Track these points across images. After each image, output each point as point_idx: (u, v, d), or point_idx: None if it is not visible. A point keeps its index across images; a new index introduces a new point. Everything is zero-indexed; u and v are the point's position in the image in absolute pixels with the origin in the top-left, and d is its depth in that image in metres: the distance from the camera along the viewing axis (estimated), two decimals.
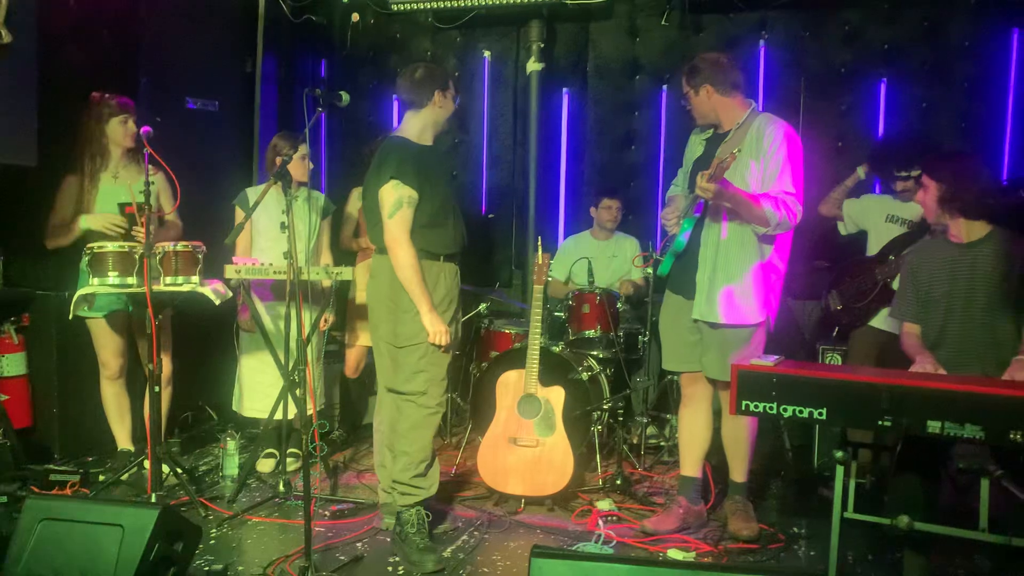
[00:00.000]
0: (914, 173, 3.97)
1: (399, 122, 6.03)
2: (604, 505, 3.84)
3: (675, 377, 4.64)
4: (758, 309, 3.46)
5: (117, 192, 3.98)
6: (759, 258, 3.44)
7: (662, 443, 4.68)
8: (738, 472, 3.68)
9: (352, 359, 4.84)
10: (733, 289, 3.44)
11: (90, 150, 4.01)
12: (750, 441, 3.64)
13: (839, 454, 2.90)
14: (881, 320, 4.05)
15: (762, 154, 3.37)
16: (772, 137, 3.37)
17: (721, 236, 3.45)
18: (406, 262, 3.25)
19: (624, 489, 4.07)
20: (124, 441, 4.24)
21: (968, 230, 3.19)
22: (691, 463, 3.71)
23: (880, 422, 2.66)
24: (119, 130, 4.02)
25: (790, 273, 3.63)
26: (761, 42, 5.26)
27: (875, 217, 4.20)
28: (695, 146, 3.73)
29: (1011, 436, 2.50)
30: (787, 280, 3.61)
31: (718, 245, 3.46)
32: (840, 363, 4.27)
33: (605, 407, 4.43)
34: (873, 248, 4.22)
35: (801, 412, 2.76)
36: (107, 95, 4.04)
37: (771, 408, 2.79)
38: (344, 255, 4.72)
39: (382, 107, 6.08)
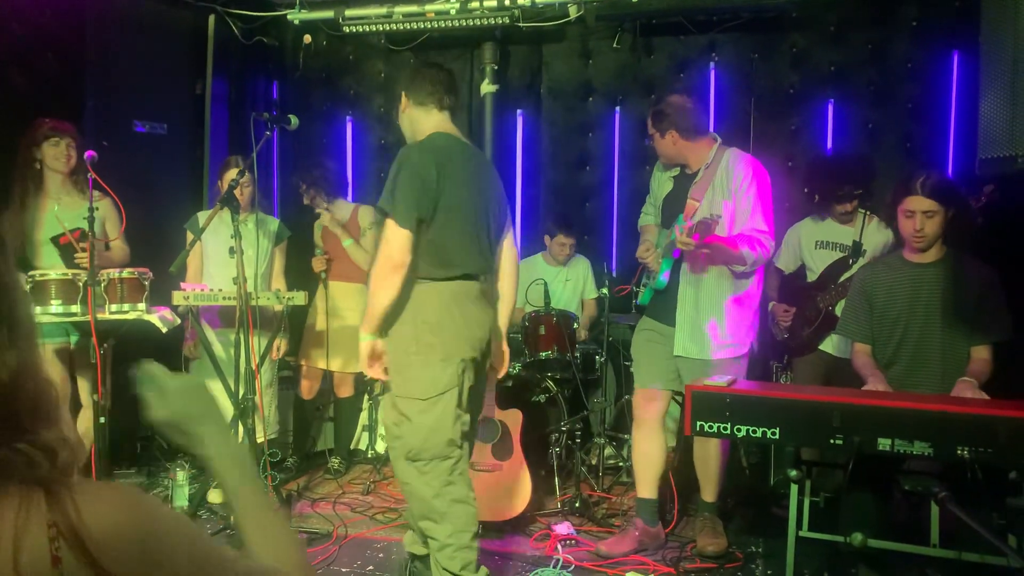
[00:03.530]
0: (859, 193, 4.02)
1: (353, 143, 6.07)
2: (563, 529, 3.81)
3: (631, 397, 4.66)
4: (740, 342, 3.54)
5: (63, 217, 3.88)
6: (738, 292, 3.52)
7: (620, 464, 4.67)
8: (708, 492, 3.71)
9: (307, 382, 4.81)
10: (715, 325, 3.50)
11: (22, 175, 3.90)
12: (721, 461, 3.67)
13: (793, 473, 2.92)
14: (827, 344, 4.06)
15: (732, 192, 3.44)
16: (741, 176, 3.44)
17: (700, 276, 3.51)
18: None
19: (583, 511, 4.05)
20: None
21: (929, 251, 3.22)
22: (646, 485, 3.70)
23: (832, 440, 2.69)
24: (50, 152, 3.89)
25: None
26: (711, 64, 5.33)
27: (807, 244, 4.20)
28: (663, 182, 3.78)
29: (958, 452, 2.55)
30: None
31: (698, 284, 3.52)
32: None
33: (563, 429, 4.41)
34: (810, 275, 4.20)
35: (754, 432, 2.78)
36: (46, 120, 3.93)
37: (725, 428, 2.81)
38: (300, 280, 4.66)
39: (335, 129, 6.04)
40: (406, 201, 2.81)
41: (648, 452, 3.70)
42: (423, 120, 3.04)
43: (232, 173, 4.10)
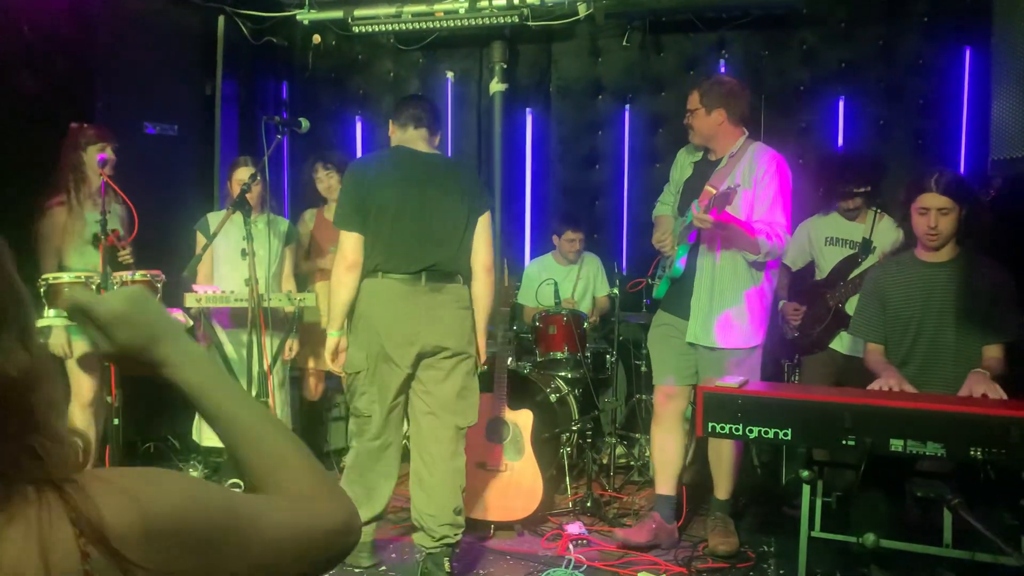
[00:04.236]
0: (862, 191, 4.00)
1: (363, 144, 6.07)
2: (574, 528, 3.82)
3: (644, 396, 4.66)
4: (753, 332, 3.54)
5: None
6: (752, 283, 3.52)
7: (631, 463, 4.67)
8: (721, 489, 3.71)
9: (313, 382, 4.81)
10: (729, 314, 3.50)
11: (73, 177, 3.95)
12: (734, 459, 3.67)
13: (805, 473, 2.91)
14: (838, 343, 4.05)
15: (755, 183, 3.45)
16: (765, 168, 3.45)
17: (716, 262, 3.51)
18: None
19: (594, 511, 4.05)
20: None
21: (942, 249, 3.21)
22: (666, 482, 3.71)
23: (844, 441, 2.69)
24: (96, 158, 3.94)
25: None
26: (721, 61, 5.32)
27: (816, 241, 4.19)
28: (684, 167, 3.77)
29: (971, 453, 2.54)
30: None
31: (713, 271, 3.51)
32: None
33: (574, 428, 4.42)
34: (819, 272, 4.19)
35: (766, 433, 2.78)
36: (85, 124, 3.99)
37: (737, 429, 2.81)
38: (305, 279, 4.68)
39: (345, 129, 6.05)
40: (347, 208, 3.20)
41: (667, 449, 3.71)
42: (395, 138, 3.39)
43: (242, 174, 4.11)
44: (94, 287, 3.55)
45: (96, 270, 3.71)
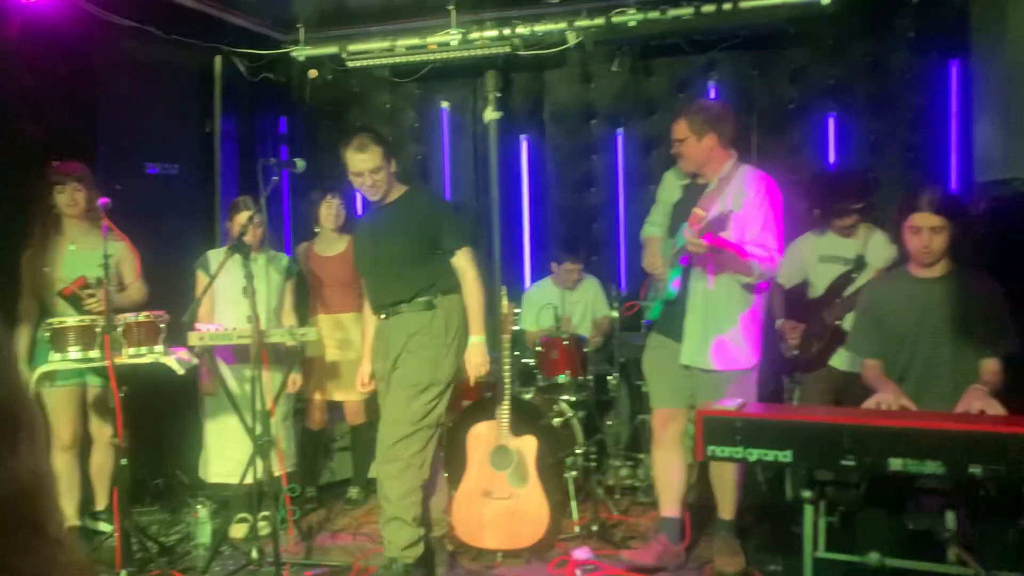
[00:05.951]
0: (858, 207, 4.02)
1: None
2: (581, 554, 3.82)
3: (647, 416, 4.67)
4: (750, 353, 3.56)
5: (80, 258, 3.93)
6: (746, 304, 3.54)
7: (636, 484, 4.68)
8: (726, 509, 3.71)
9: (317, 412, 4.82)
10: (724, 336, 3.51)
11: (41, 220, 3.98)
12: (737, 479, 3.67)
13: (807, 493, 2.93)
14: (836, 360, 4.06)
15: (746, 206, 3.47)
16: (755, 192, 3.47)
17: (708, 285, 3.52)
18: None
19: (601, 535, 4.06)
20: (72, 516, 4.03)
21: (936, 265, 3.24)
22: (670, 504, 3.73)
23: (843, 461, 2.70)
24: (60, 198, 3.97)
25: None
26: (711, 83, 5.38)
27: (809, 259, 4.20)
28: (672, 188, 3.78)
29: (971, 470, 2.56)
30: None
31: (706, 293, 3.53)
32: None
33: (578, 452, 4.44)
34: (813, 290, 4.20)
35: (766, 455, 2.80)
36: (57, 164, 4.01)
37: (737, 452, 2.82)
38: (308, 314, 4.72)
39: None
40: (472, 232, 3.62)
41: (669, 471, 3.72)
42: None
43: (242, 217, 4.16)
44: (98, 331, 3.59)
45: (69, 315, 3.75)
